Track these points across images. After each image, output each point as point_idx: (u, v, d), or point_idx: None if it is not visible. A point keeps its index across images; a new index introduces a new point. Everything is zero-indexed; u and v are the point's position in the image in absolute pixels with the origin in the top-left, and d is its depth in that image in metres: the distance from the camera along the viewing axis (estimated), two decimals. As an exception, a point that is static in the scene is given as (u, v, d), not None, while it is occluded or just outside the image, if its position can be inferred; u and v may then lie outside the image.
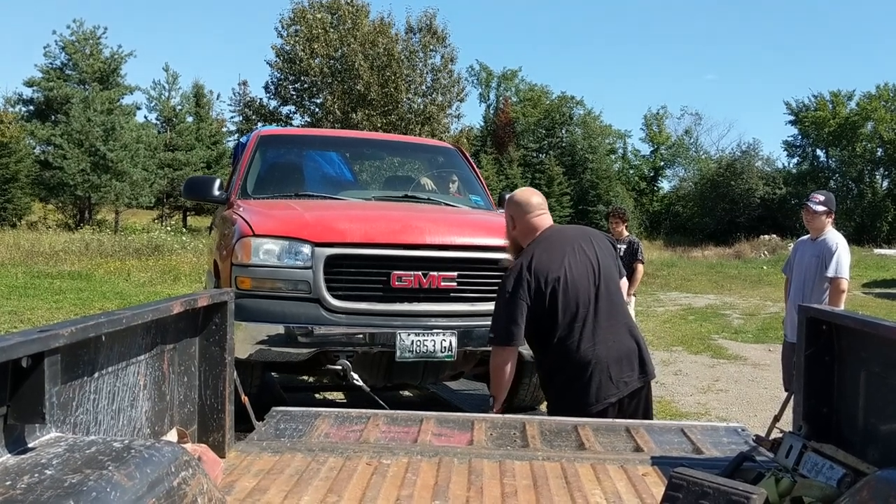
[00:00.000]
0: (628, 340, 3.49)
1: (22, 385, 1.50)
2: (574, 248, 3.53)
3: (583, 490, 2.44)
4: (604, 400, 3.38)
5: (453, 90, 31.17)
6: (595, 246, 3.59)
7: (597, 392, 3.38)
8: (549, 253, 3.47)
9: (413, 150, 7.53)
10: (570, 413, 3.34)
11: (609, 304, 3.48)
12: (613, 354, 3.41)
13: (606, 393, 3.38)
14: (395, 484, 2.43)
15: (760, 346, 10.53)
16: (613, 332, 3.46)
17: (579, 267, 3.46)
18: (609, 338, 3.43)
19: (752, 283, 21.08)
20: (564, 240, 3.58)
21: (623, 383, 3.42)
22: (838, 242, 5.07)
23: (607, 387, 3.38)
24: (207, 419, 2.72)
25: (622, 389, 3.41)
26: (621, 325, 3.52)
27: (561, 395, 3.51)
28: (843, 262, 5.00)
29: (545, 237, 3.56)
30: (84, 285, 14.19)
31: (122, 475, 1.43)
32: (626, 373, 3.43)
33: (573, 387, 3.43)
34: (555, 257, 3.45)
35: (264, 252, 4.20)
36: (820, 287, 5.04)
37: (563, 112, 53.79)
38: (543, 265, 3.41)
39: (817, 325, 2.55)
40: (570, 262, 3.45)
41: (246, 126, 31.70)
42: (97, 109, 32.34)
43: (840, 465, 2.28)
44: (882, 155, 47.73)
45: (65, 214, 34.69)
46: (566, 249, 3.50)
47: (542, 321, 3.42)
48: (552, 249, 3.49)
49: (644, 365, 3.50)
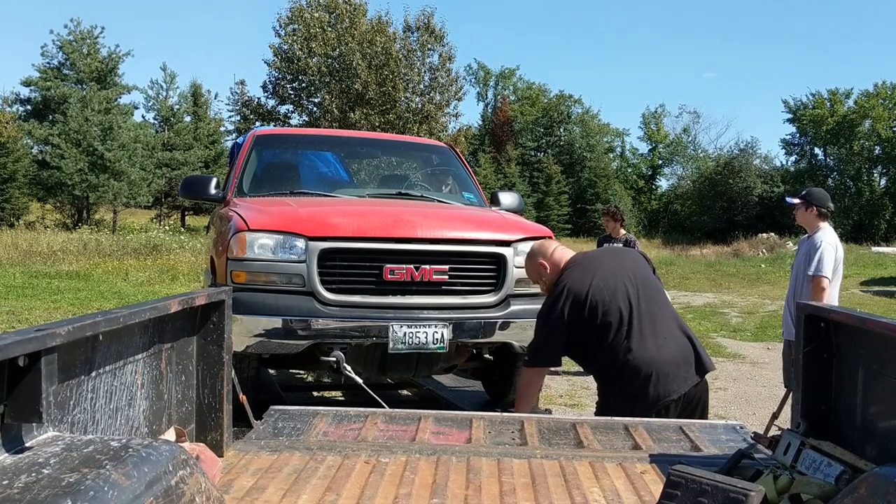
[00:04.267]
0: (680, 337, 3.53)
1: (19, 384, 1.50)
2: (603, 261, 3.68)
3: (581, 488, 2.44)
4: (665, 398, 3.39)
5: (451, 89, 31.16)
6: (624, 257, 3.78)
7: (656, 391, 3.38)
8: (581, 271, 3.57)
9: (407, 149, 7.57)
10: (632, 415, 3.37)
11: (651, 305, 3.52)
12: (667, 354, 3.43)
13: (667, 390, 3.39)
14: (394, 482, 2.43)
15: (759, 345, 10.54)
16: (663, 331, 3.49)
17: (613, 276, 3.53)
18: (660, 337, 3.46)
19: (750, 281, 21.09)
20: (593, 258, 3.76)
21: (682, 379, 3.43)
22: (824, 240, 5.04)
23: (665, 385, 3.39)
24: (205, 418, 2.72)
25: (682, 386, 3.42)
26: (670, 323, 3.56)
27: (621, 400, 3.50)
28: (825, 259, 4.96)
29: (574, 262, 3.68)
30: (82, 285, 14.19)
31: (120, 474, 1.43)
32: (682, 369, 3.44)
33: (631, 390, 3.43)
34: (586, 274, 3.54)
35: (259, 246, 4.26)
36: (807, 284, 5.03)
37: (562, 111, 53.86)
38: (577, 283, 3.50)
39: (815, 323, 2.55)
40: (603, 274, 3.53)
41: (244, 125, 31.66)
42: (95, 109, 32.32)
43: (838, 461, 2.28)
44: (880, 153, 47.81)
45: (63, 214, 34.68)
46: (596, 265, 3.61)
47: (588, 334, 3.47)
48: (583, 269, 3.59)
49: (700, 360, 3.52)
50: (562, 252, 3.74)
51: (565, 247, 3.83)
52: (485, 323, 4.48)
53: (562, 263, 3.68)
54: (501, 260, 4.53)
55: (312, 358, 4.54)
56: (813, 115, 48.94)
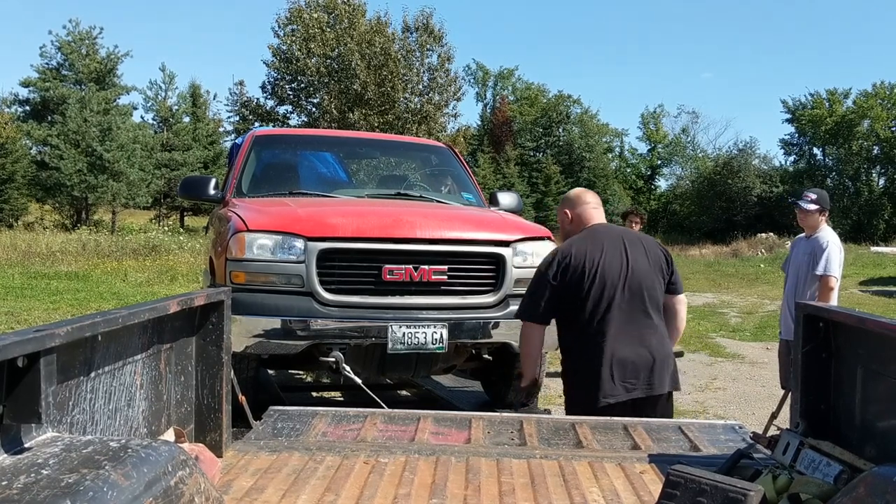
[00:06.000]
0: (641, 349, 3.46)
1: (18, 385, 1.50)
2: (615, 243, 3.57)
3: (580, 488, 2.44)
4: (604, 398, 3.40)
5: (450, 89, 31.11)
6: (640, 249, 3.60)
7: (601, 387, 3.40)
8: (589, 243, 3.55)
9: (406, 149, 7.57)
10: (579, 403, 3.44)
11: (633, 307, 3.48)
12: (621, 356, 3.42)
13: (609, 391, 3.40)
14: (393, 482, 2.43)
15: (758, 345, 10.54)
16: (630, 335, 3.46)
17: (613, 263, 3.50)
18: (624, 339, 3.45)
19: (749, 281, 21.10)
20: (608, 235, 3.64)
21: (624, 388, 3.42)
22: (829, 240, 5.06)
23: (609, 386, 3.40)
24: (204, 418, 2.72)
25: (623, 394, 3.42)
26: (641, 331, 3.50)
27: (574, 384, 3.60)
28: (833, 259, 4.98)
29: (592, 230, 3.66)
30: (81, 286, 14.17)
31: (119, 475, 1.42)
32: (629, 378, 3.43)
33: (583, 378, 3.49)
34: (593, 248, 3.52)
35: (258, 247, 4.26)
36: (811, 285, 5.04)
37: (560, 111, 53.80)
38: (579, 252, 3.50)
39: (814, 323, 2.56)
40: (606, 256, 3.50)
41: (243, 126, 31.61)
42: (93, 110, 32.31)
43: (837, 461, 2.29)
44: (878, 153, 47.77)
45: (62, 215, 34.66)
46: (605, 243, 3.56)
47: (568, 305, 3.49)
48: (593, 241, 3.57)
49: (652, 377, 3.46)
50: (591, 213, 3.72)
51: (601, 210, 3.78)
52: (484, 323, 4.48)
53: (584, 224, 3.68)
54: (500, 260, 4.53)
55: (311, 358, 4.55)
56: (812, 116, 48.92)
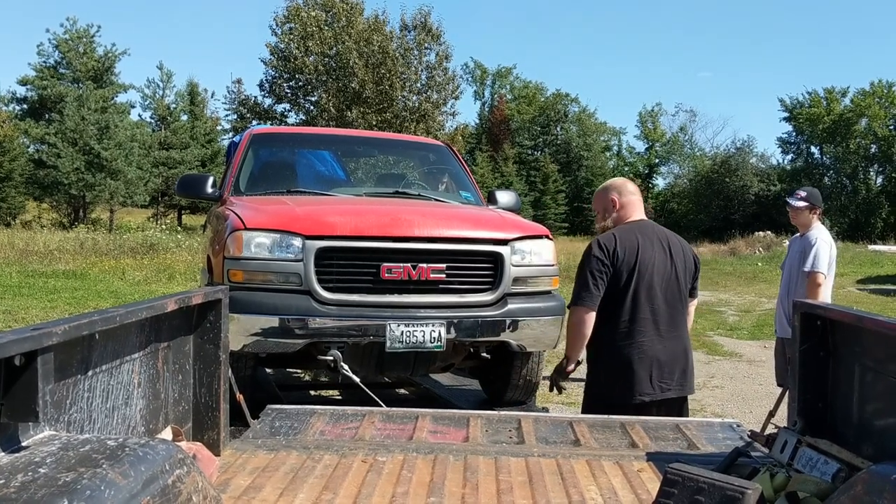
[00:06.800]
0: (680, 349, 3.56)
1: (15, 383, 1.49)
2: (662, 241, 3.63)
3: (578, 486, 2.44)
4: (639, 396, 3.41)
5: (448, 88, 31.08)
6: (679, 250, 3.67)
7: (637, 385, 3.41)
8: (640, 236, 3.56)
9: (404, 147, 7.55)
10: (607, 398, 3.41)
11: (673, 309, 3.55)
12: (662, 356, 3.45)
13: (643, 389, 3.41)
14: (391, 481, 2.43)
15: (755, 343, 10.56)
16: (670, 335, 3.51)
17: (660, 260, 3.54)
18: (665, 338, 3.48)
19: (746, 279, 21.11)
20: (655, 232, 3.69)
21: (660, 387, 3.44)
22: (819, 237, 5.07)
23: (645, 384, 3.41)
24: (202, 417, 2.72)
25: (658, 393, 3.44)
26: (679, 332, 3.59)
27: (604, 380, 3.54)
28: (821, 256, 4.98)
29: (641, 223, 3.67)
30: (79, 284, 14.15)
31: (117, 473, 1.42)
32: (666, 378, 3.46)
33: (617, 373, 3.46)
34: (643, 241, 3.54)
35: (256, 245, 4.26)
36: (802, 282, 5.04)
37: (558, 109, 53.87)
38: (632, 243, 3.50)
39: (812, 321, 2.56)
40: (656, 252, 3.54)
41: (240, 124, 31.54)
42: (91, 108, 32.27)
43: (835, 459, 2.29)
44: (876, 151, 47.85)
45: (59, 213, 34.62)
46: (654, 239, 3.60)
47: (612, 297, 3.48)
48: (643, 234, 3.59)
49: (685, 378, 3.55)
50: (637, 206, 3.73)
51: (642, 204, 3.80)
52: (482, 321, 4.48)
53: (631, 215, 3.67)
54: (499, 258, 4.53)
55: (309, 357, 4.54)
56: (809, 114, 48.99)
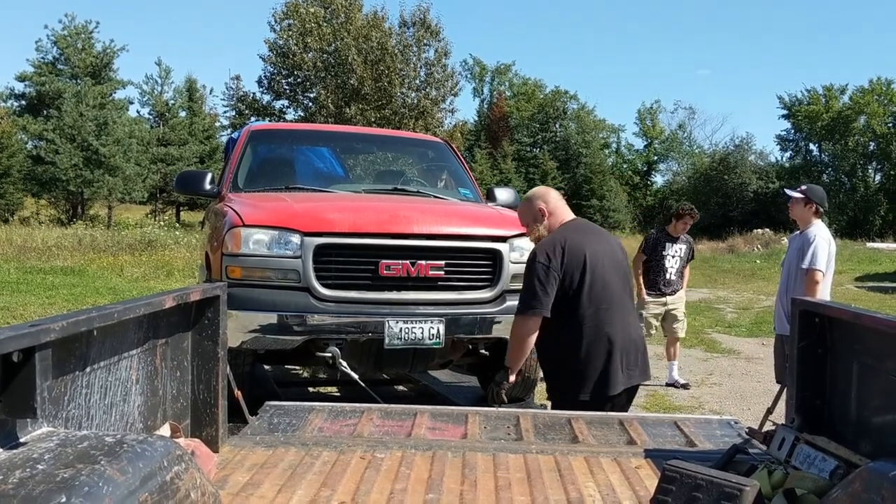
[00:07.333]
0: (637, 334, 3.65)
1: (13, 380, 1.49)
2: (597, 234, 3.73)
3: (576, 483, 2.44)
4: (614, 387, 3.42)
5: (447, 84, 31.08)
6: (611, 243, 3.75)
7: (610, 378, 3.42)
8: (580, 234, 3.60)
9: (403, 144, 7.56)
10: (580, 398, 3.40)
11: (625, 297, 3.62)
12: (626, 343, 3.49)
13: (617, 380, 3.43)
14: (389, 478, 2.43)
15: (754, 340, 10.56)
16: (628, 322, 3.58)
17: (608, 254, 3.58)
18: (627, 325, 3.54)
19: (745, 277, 21.14)
20: (588, 227, 3.79)
21: (629, 374, 3.48)
22: (817, 234, 5.06)
23: (618, 374, 3.43)
24: (200, 414, 2.72)
25: (627, 380, 3.47)
26: (633, 317, 3.71)
27: (575, 379, 3.48)
28: (819, 253, 4.97)
29: (575, 222, 3.69)
30: (77, 281, 14.14)
31: (115, 470, 1.42)
32: (632, 364, 3.50)
33: (590, 370, 3.44)
34: (584, 238, 3.57)
35: (254, 242, 4.25)
36: (801, 279, 5.04)
37: (557, 106, 53.79)
38: (575, 242, 3.50)
39: (810, 318, 2.56)
40: (600, 248, 3.57)
41: (239, 121, 31.54)
42: (89, 104, 32.20)
43: (832, 456, 2.29)
44: (874, 149, 47.87)
45: (57, 210, 34.55)
46: (595, 237, 3.65)
47: (569, 298, 3.46)
48: (582, 231, 3.63)
49: (645, 362, 3.61)
50: (564, 209, 3.72)
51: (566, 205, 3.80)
52: (480, 318, 4.48)
53: (562, 218, 3.67)
54: (497, 255, 4.53)
55: (308, 354, 4.54)
56: (808, 111, 48.99)
